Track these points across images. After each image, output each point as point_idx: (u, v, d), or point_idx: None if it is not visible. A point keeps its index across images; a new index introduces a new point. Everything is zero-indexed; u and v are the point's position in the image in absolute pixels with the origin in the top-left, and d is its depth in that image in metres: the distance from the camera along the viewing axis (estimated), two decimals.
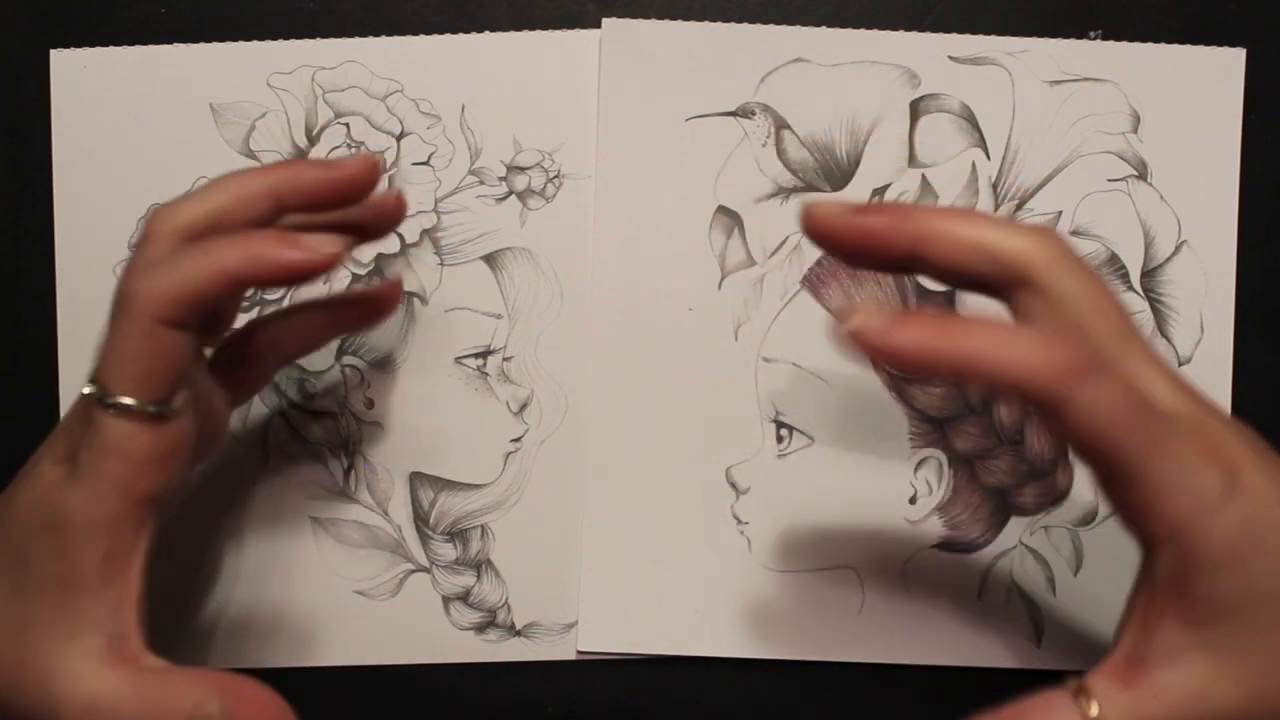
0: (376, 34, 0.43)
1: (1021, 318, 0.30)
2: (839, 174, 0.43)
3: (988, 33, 0.43)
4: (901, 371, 0.30)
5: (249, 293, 0.43)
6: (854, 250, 0.31)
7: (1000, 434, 0.43)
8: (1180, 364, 0.43)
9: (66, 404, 0.43)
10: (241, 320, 0.38)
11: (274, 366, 0.39)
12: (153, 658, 0.32)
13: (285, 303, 0.39)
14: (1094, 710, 0.29)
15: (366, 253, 0.43)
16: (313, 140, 0.43)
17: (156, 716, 0.31)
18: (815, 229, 0.31)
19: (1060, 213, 0.43)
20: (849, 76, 0.43)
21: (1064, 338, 0.28)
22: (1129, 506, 0.29)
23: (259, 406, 0.43)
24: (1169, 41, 0.43)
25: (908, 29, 0.43)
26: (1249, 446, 0.29)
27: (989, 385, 0.29)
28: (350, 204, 0.34)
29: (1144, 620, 0.30)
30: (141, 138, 0.43)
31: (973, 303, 0.38)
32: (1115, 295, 0.30)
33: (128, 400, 0.30)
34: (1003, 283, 0.30)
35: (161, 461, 0.31)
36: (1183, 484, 0.28)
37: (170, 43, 0.43)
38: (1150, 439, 0.28)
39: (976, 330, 0.28)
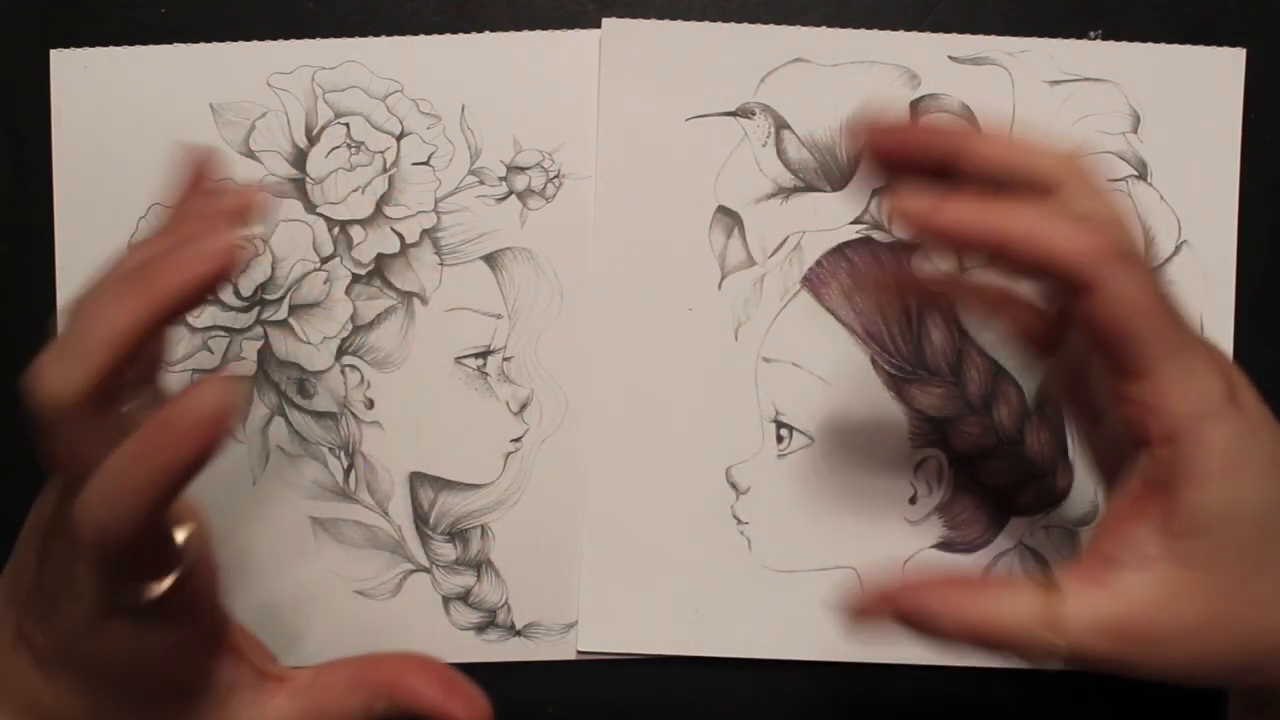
0: (376, 34, 0.43)
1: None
2: (839, 174, 0.43)
3: (988, 33, 0.43)
4: (946, 248, 0.32)
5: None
6: (941, 245, 0.32)
7: (1000, 434, 0.43)
8: None
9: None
10: None
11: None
12: (296, 670, 0.34)
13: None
14: (1057, 603, 0.30)
15: (366, 252, 0.43)
16: (313, 140, 0.43)
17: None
18: (904, 226, 0.31)
19: None
20: (849, 76, 0.43)
21: (1099, 225, 0.29)
22: (1133, 401, 0.30)
23: (259, 406, 0.43)
24: (1169, 41, 0.43)
25: (908, 29, 0.43)
26: (1239, 371, 0.31)
27: (1026, 264, 0.29)
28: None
29: (1121, 523, 0.31)
30: (141, 138, 0.43)
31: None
32: (1127, 216, 0.31)
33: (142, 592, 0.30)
34: (1064, 289, 0.30)
35: (207, 572, 0.32)
36: (1191, 386, 0.29)
37: (170, 43, 0.43)
38: (1167, 336, 0.29)
39: (1018, 211, 0.29)
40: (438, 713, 0.33)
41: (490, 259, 0.43)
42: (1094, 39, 0.43)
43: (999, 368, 0.43)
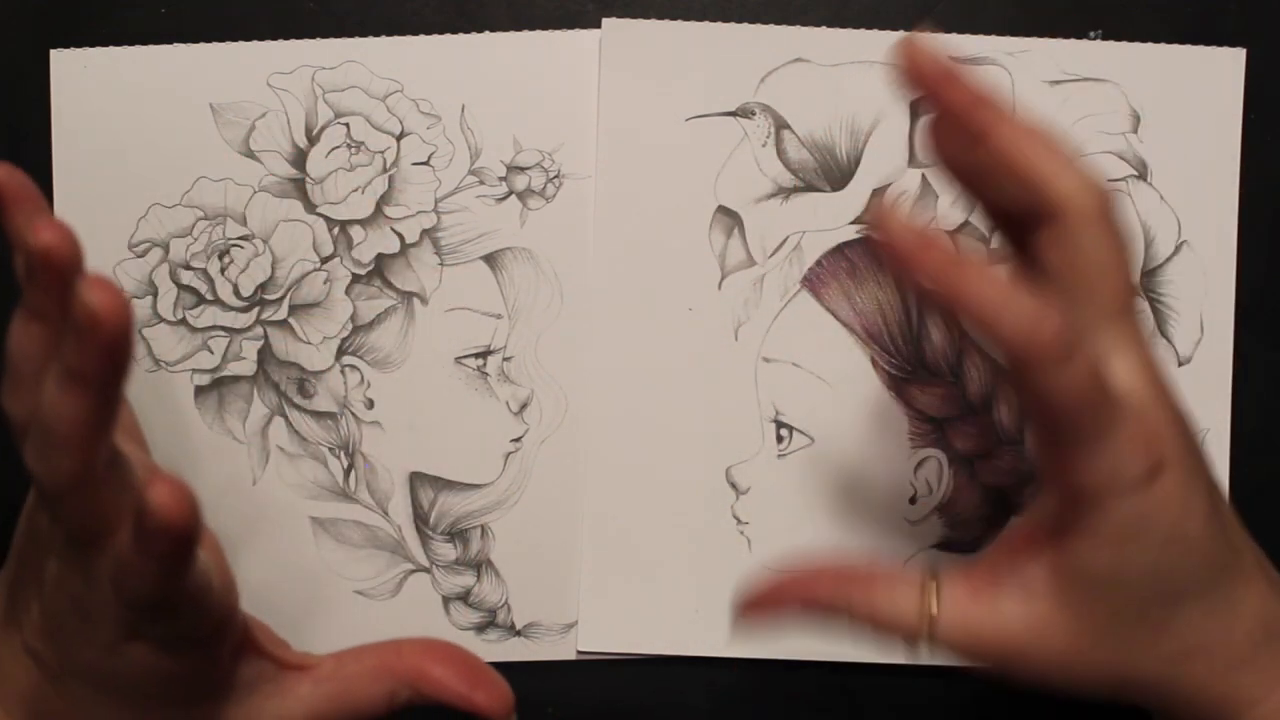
0: (376, 34, 0.43)
1: (1032, 257, 0.32)
2: (839, 174, 0.43)
3: (988, 33, 0.43)
4: (904, 281, 0.33)
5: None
6: (929, 98, 0.32)
7: (1000, 434, 0.43)
8: (1180, 364, 0.43)
9: None
10: None
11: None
12: (320, 657, 0.35)
13: None
14: (934, 607, 0.32)
15: (366, 252, 0.43)
16: (313, 140, 0.43)
17: (358, 709, 0.34)
18: (910, 67, 0.31)
19: None
20: (849, 76, 0.43)
21: (1056, 310, 0.29)
22: (1053, 461, 0.31)
23: (259, 406, 0.43)
24: (1169, 41, 0.43)
25: (908, 29, 0.43)
26: (1183, 445, 0.31)
27: (980, 331, 0.30)
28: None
29: (1015, 550, 0.32)
30: (141, 138, 0.43)
31: None
32: (1129, 266, 0.31)
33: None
34: (1034, 211, 0.31)
35: (224, 590, 0.33)
36: (1107, 467, 0.30)
37: (170, 43, 0.43)
38: (1097, 423, 0.29)
39: (985, 280, 0.29)
40: (462, 702, 0.34)
41: (490, 259, 0.43)
42: (1094, 39, 0.43)
43: (999, 368, 0.43)
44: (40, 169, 0.43)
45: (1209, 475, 0.32)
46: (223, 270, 0.43)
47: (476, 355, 0.43)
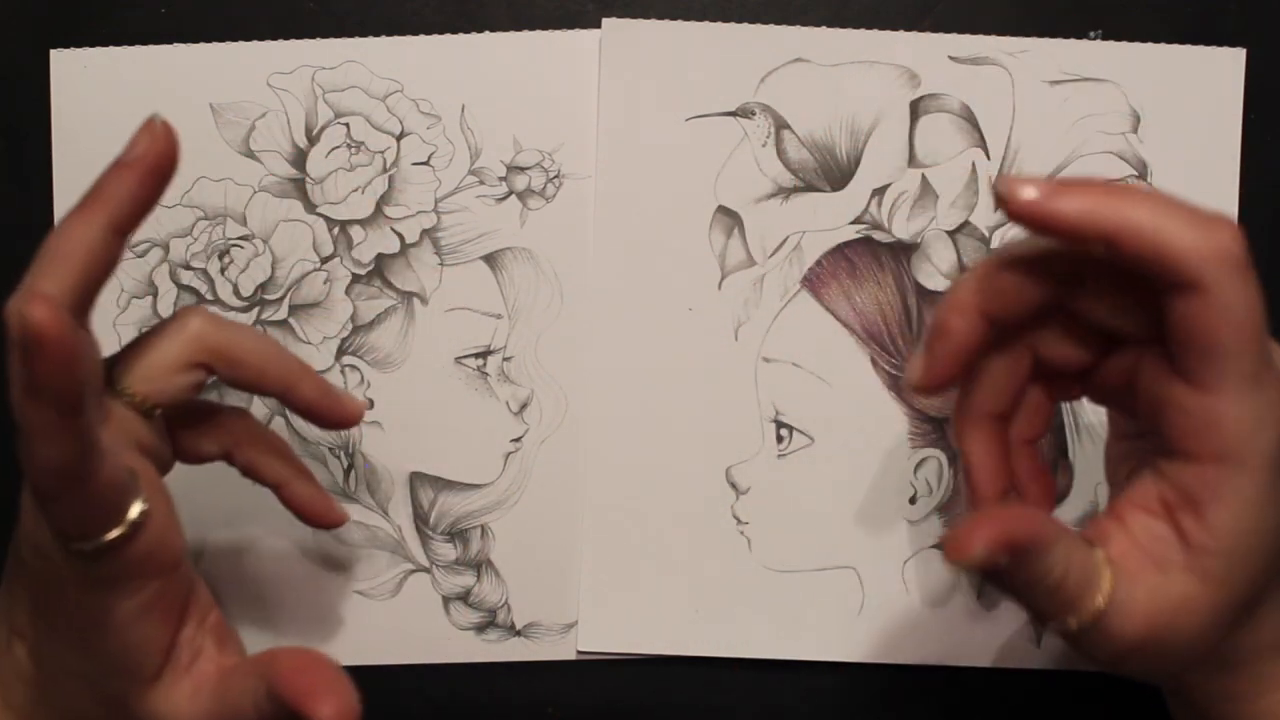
0: (376, 34, 0.43)
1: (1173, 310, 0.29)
2: (839, 174, 0.43)
3: (988, 33, 0.43)
4: (1059, 238, 0.30)
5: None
6: (1049, 233, 0.30)
7: None
8: None
9: None
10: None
11: (216, 454, 0.37)
12: (231, 657, 0.35)
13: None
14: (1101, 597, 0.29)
15: (366, 252, 0.43)
16: (313, 140, 0.43)
17: (228, 716, 0.33)
18: (1014, 212, 0.29)
19: None
20: (849, 76, 0.43)
21: (1220, 225, 0.28)
22: (1192, 413, 0.29)
23: (259, 406, 0.43)
24: (1169, 41, 0.43)
25: (908, 29, 0.43)
26: None
27: (1138, 256, 0.28)
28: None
29: (1146, 522, 0.30)
30: None
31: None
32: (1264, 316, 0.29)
33: (96, 544, 0.31)
34: (1163, 285, 0.29)
35: (167, 545, 0.32)
36: (1257, 415, 0.28)
37: (170, 43, 0.43)
38: (1252, 359, 0.28)
39: (1139, 199, 0.28)
40: (301, 706, 0.32)
41: (490, 259, 0.43)
42: (1094, 39, 0.43)
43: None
44: (40, 169, 0.43)
45: None
46: (223, 270, 0.43)
47: (476, 355, 0.43)
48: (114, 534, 0.30)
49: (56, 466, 0.28)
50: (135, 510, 0.31)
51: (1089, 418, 0.43)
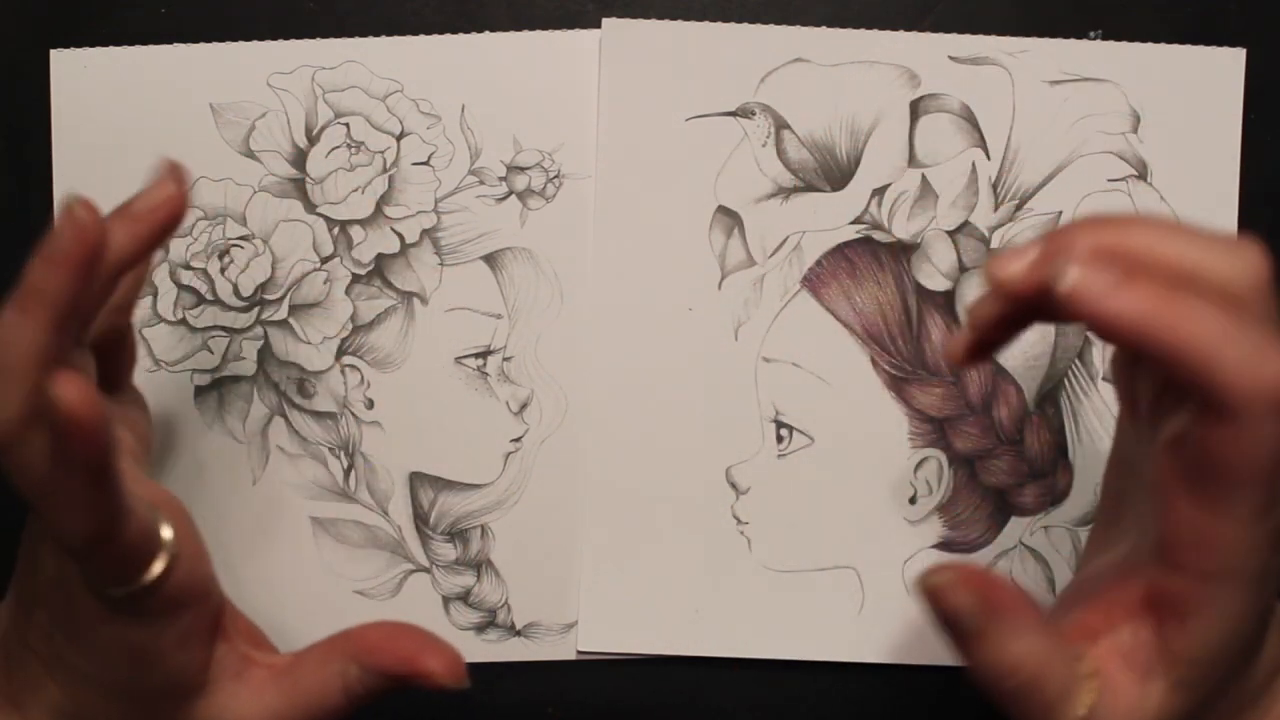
0: (376, 34, 0.43)
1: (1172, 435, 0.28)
2: (839, 174, 0.43)
3: (988, 33, 0.43)
4: (1104, 338, 0.27)
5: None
6: (1093, 328, 0.28)
7: (1000, 434, 0.43)
8: None
9: None
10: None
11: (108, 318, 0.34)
12: (280, 656, 0.34)
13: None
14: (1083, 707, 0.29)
15: (366, 252, 0.43)
16: (313, 140, 0.43)
17: (310, 703, 0.33)
18: (1062, 300, 0.27)
19: (1060, 213, 0.43)
20: (849, 76, 0.43)
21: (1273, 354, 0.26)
22: (1194, 526, 0.28)
23: (259, 406, 0.43)
24: (1169, 41, 0.43)
25: (908, 29, 0.43)
26: None
27: (1179, 372, 0.26)
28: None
29: (1129, 618, 0.30)
30: (141, 138, 0.43)
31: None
32: None
33: (129, 590, 0.30)
34: (1199, 402, 0.27)
35: (198, 572, 0.32)
36: (1264, 546, 0.27)
37: (170, 43, 0.43)
38: (1270, 500, 0.27)
39: (1201, 315, 0.26)
40: (407, 667, 0.32)
41: (490, 259, 0.43)
42: (1094, 39, 0.43)
43: (999, 368, 0.43)
44: (40, 169, 0.43)
45: None
46: (223, 270, 0.43)
47: (476, 355, 0.43)
48: (150, 576, 0.30)
49: (88, 534, 0.28)
50: (165, 551, 0.30)
51: (1089, 418, 0.43)
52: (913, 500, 0.43)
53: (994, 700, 0.29)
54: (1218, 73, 0.43)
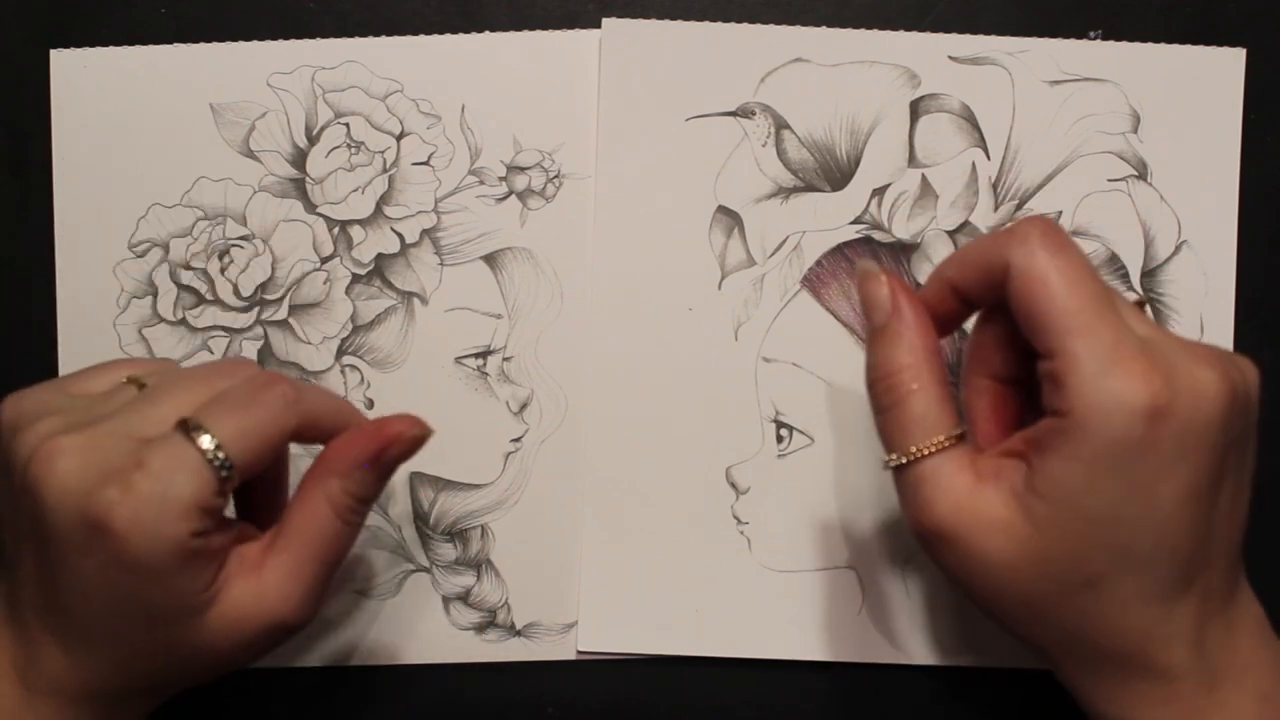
0: (376, 34, 0.43)
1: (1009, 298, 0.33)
2: (839, 174, 0.43)
3: (988, 33, 0.43)
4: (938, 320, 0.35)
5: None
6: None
7: None
8: None
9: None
10: None
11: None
12: (260, 535, 0.35)
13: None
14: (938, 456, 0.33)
15: (366, 252, 0.43)
16: (313, 140, 0.43)
17: (310, 544, 0.34)
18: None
19: (1060, 212, 0.43)
20: (849, 76, 0.43)
21: (1031, 219, 0.33)
22: (1046, 374, 0.31)
23: None
24: (1169, 41, 0.43)
25: (908, 29, 0.43)
26: (1197, 422, 0.30)
27: (976, 286, 0.33)
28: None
29: (1011, 449, 0.32)
30: (141, 138, 0.43)
31: None
32: (1092, 271, 0.32)
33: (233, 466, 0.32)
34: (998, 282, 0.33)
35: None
36: (1103, 381, 0.30)
37: (170, 43, 0.43)
38: (1091, 325, 0.30)
39: (951, 258, 0.34)
40: (377, 443, 0.34)
41: (490, 259, 0.43)
42: (1094, 39, 0.43)
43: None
44: (40, 169, 0.43)
45: (1217, 465, 0.31)
46: (223, 270, 0.43)
47: (476, 355, 0.43)
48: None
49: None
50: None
51: None
52: None
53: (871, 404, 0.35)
54: (1218, 73, 0.43)
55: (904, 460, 0.33)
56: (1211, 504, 0.31)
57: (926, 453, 0.33)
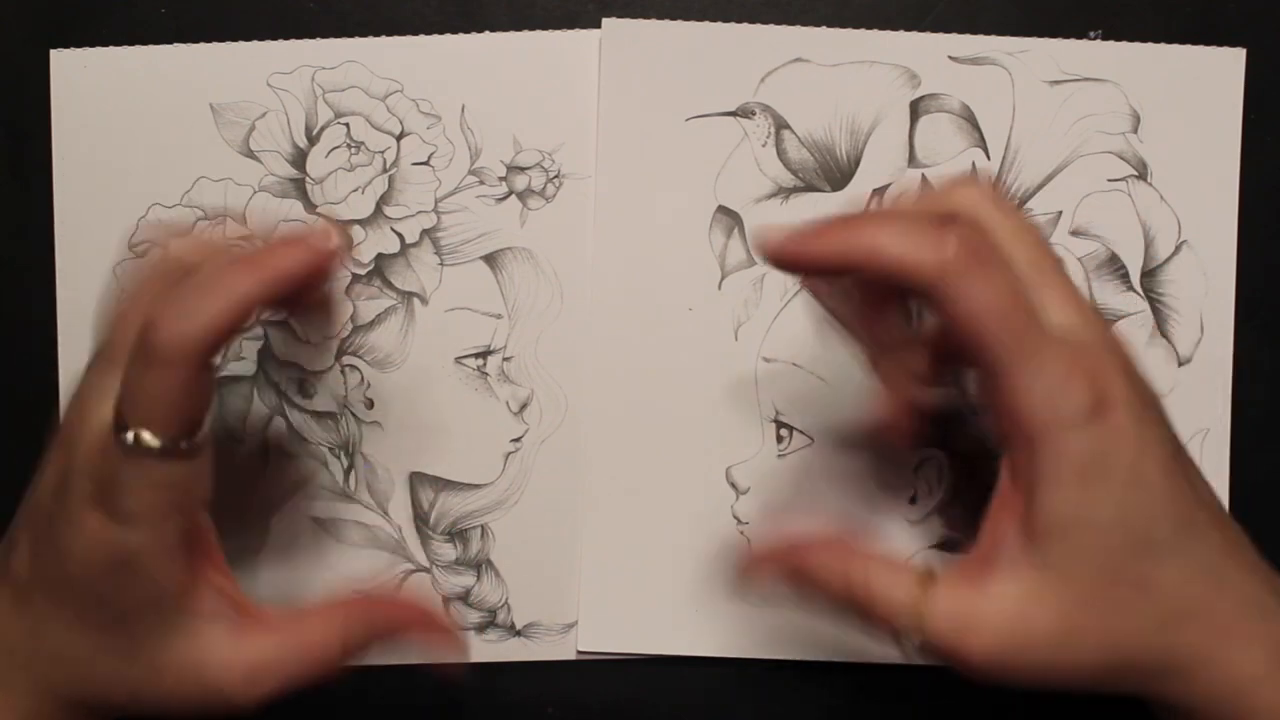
0: (376, 34, 0.43)
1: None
2: (839, 174, 0.43)
3: (988, 33, 0.43)
4: (820, 275, 0.34)
5: None
6: (814, 272, 0.34)
7: None
8: (1180, 364, 0.43)
9: (66, 403, 0.43)
10: None
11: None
12: (274, 608, 0.35)
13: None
14: (930, 593, 0.31)
15: (366, 253, 0.43)
16: (313, 140, 0.43)
17: (311, 656, 0.34)
18: (775, 262, 0.32)
19: (1060, 213, 0.43)
20: (849, 76, 0.43)
21: (954, 231, 0.30)
22: (996, 405, 0.31)
23: (259, 406, 0.43)
24: (1169, 41, 0.43)
25: (908, 29, 0.43)
26: (1131, 386, 0.30)
27: (883, 277, 0.30)
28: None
29: (995, 524, 0.31)
30: (141, 138, 0.43)
31: None
32: (1036, 231, 0.32)
33: (163, 442, 0.31)
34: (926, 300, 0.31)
35: (202, 481, 0.33)
36: (1046, 394, 0.29)
37: (170, 43, 0.43)
38: (1023, 342, 0.30)
39: (870, 223, 0.31)
40: (417, 627, 0.34)
41: (490, 259, 0.43)
42: (1094, 39, 0.43)
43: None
44: (40, 169, 0.43)
45: (1167, 426, 0.31)
46: None
47: (476, 355, 0.43)
48: (200, 435, 0.32)
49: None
50: (207, 426, 0.32)
51: None
52: (913, 500, 0.43)
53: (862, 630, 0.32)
54: (1218, 73, 0.43)
55: (920, 637, 0.31)
56: (1177, 459, 0.31)
57: (920, 621, 0.31)
